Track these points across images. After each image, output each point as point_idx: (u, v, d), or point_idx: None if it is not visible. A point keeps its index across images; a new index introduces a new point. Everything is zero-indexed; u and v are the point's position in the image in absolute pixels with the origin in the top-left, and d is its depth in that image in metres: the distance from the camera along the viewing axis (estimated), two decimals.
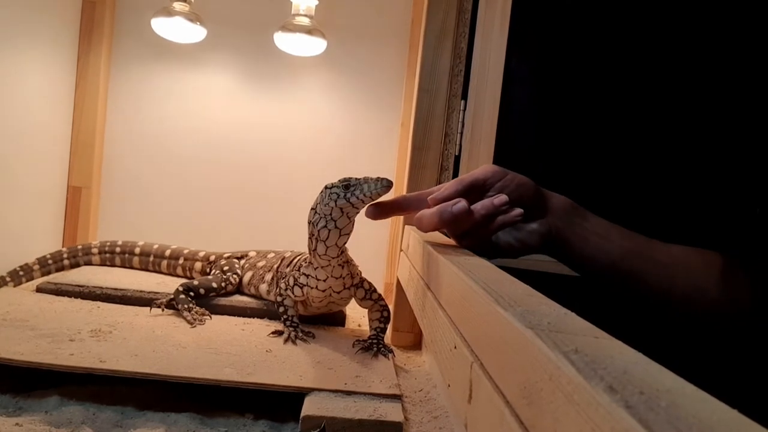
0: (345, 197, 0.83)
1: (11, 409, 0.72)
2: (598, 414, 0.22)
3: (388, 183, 0.80)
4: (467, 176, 0.74)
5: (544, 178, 1.16)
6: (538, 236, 0.73)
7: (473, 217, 0.68)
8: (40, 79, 1.25)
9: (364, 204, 0.82)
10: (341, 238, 0.88)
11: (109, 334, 0.89)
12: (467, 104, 1.12)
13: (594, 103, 1.16)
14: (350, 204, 0.83)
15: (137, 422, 0.72)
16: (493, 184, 0.73)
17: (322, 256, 0.90)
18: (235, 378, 0.77)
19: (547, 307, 0.40)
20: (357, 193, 0.82)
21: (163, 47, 1.41)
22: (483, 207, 0.69)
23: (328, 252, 0.89)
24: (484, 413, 0.38)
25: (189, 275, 1.24)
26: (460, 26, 1.11)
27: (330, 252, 0.89)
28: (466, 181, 0.73)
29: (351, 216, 0.86)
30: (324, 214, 0.87)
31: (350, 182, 0.84)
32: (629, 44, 1.15)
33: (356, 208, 0.84)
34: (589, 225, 0.75)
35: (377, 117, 1.45)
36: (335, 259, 0.91)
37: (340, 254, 0.91)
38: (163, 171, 1.45)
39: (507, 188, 0.72)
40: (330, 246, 0.89)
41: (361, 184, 0.82)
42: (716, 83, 1.14)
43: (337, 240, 0.88)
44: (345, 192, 0.84)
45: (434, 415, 0.81)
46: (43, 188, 1.32)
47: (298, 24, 1.31)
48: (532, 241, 0.73)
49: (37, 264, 1.20)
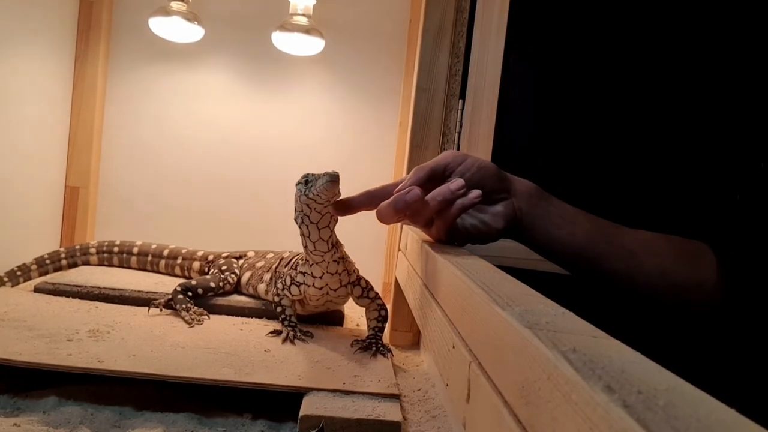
0: (305, 193, 0.85)
1: (9, 410, 0.72)
2: (596, 413, 0.22)
3: (331, 177, 0.81)
4: (427, 164, 0.74)
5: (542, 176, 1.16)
6: (502, 218, 0.73)
7: (430, 205, 0.68)
8: (37, 78, 1.25)
9: (322, 198, 0.83)
10: (321, 231, 0.88)
11: (107, 334, 0.89)
12: (465, 103, 1.12)
13: (592, 101, 1.16)
14: (311, 199, 0.84)
15: (135, 422, 0.72)
16: (453, 169, 0.73)
17: (314, 252, 0.91)
18: (233, 378, 0.76)
19: (545, 306, 0.40)
20: (312, 188, 0.84)
21: (161, 47, 1.41)
22: (439, 193, 0.69)
23: (317, 247, 0.90)
24: (482, 412, 0.38)
25: (187, 275, 1.24)
26: (457, 25, 1.11)
27: (319, 246, 0.90)
28: (426, 168, 0.73)
29: (318, 210, 0.86)
30: (298, 210, 0.89)
31: (308, 178, 0.85)
32: (627, 43, 1.15)
33: (318, 203, 0.85)
34: (554, 209, 0.75)
35: (375, 116, 1.45)
36: (327, 254, 0.91)
37: (332, 249, 0.91)
38: (160, 171, 1.45)
39: (468, 172, 0.72)
40: (315, 241, 0.89)
41: (317, 179, 0.83)
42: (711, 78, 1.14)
43: (319, 234, 0.88)
44: (305, 188, 0.85)
45: (432, 415, 0.81)
46: (41, 188, 1.32)
47: (296, 23, 1.31)
48: (497, 224, 0.73)
49: (35, 264, 1.20)
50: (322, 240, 0.89)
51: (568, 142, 1.17)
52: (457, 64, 1.12)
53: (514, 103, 1.15)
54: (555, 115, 1.17)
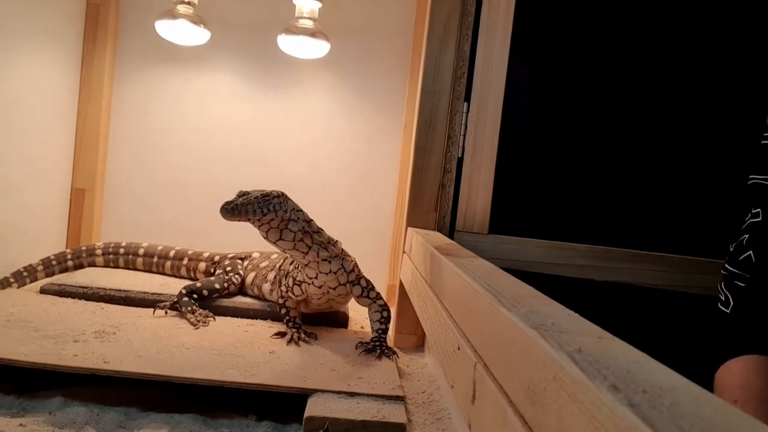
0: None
1: (15, 410, 0.73)
2: (602, 413, 0.23)
3: (222, 208, 0.85)
4: None
5: (546, 180, 1.16)
6: None
7: None
8: (44, 81, 1.26)
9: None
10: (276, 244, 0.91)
11: (113, 335, 0.89)
12: (470, 106, 1.12)
13: (597, 105, 1.16)
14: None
15: (141, 423, 0.72)
16: None
17: (296, 257, 0.95)
18: (238, 379, 0.77)
19: (551, 308, 0.40)
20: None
21: (167, 50, 1.42)
22: None
23: (291, 254, 0.94)
24: (487, 413, 0.38)
25: (193, 276, 1.25)
26: (463, 28, 1.11)
27: (292, 254, 0.93)
28: None
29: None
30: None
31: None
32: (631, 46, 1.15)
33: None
34: None
35: (380, 119, 1.46)
36: (308, 255, 0.92)
37: (308, 254, 0.92)
38: (166, 172, 1.45)
39: None
40: (283, 249, 0.93)
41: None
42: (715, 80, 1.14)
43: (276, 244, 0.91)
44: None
45: (437, 417, 0.81)
46: (47, 190, 1.32)
47: (302, 27, 1.32)
48: None
49: (41, 265, 1.21)
50: (290, 249, 0.92)
51: (573, 144, 1.17)
52: (462, 67, 1.12)
53: (519, 105, 1.15)
54: (560, 118, 1.17)
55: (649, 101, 1.16)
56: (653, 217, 1.15)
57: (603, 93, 1.17)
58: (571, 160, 1.17)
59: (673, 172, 1.15)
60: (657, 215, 1.15)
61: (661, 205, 1.15)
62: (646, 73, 1.15)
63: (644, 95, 1.16)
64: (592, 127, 1.17)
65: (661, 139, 1.15)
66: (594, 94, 1.17)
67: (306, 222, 0.92)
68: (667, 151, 1.15)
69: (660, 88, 1.15)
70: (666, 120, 1.15)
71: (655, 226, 1.15)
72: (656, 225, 1.15)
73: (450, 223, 1.14)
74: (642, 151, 1.16)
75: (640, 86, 1.15)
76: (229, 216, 0.84)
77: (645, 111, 1.16)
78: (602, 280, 1.11)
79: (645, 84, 1.15)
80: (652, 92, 1.15)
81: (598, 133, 1.17)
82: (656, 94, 1.15)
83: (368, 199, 1.46)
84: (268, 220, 0.87)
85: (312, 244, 0.92)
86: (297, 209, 0.91)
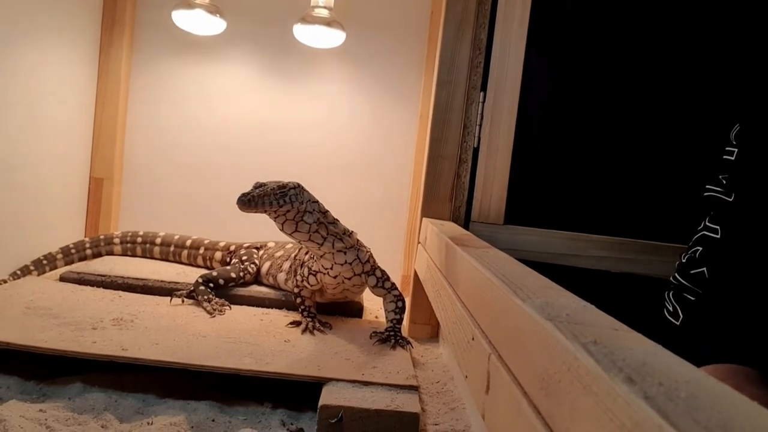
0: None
1: (35, 396, 0.74)
2: (617, 404, 0.22)
3: (238, 200, 0.84)
4: None
5: (563, 171, 1.15)
6: None
7: None
8: (62, 72, 1.27)
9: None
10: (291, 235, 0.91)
11: (131, 323, 0.90)
12: (486, 96, 1.11)
13: (616, 95, 1.15)
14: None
15: (158, 409, 0.73)
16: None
17: (311, 248, 0.94)
18: (254, 367, 0.77)
19: (566, 299, 0.39)
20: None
21: (184, 39, 1.42)
22: None
23: (306, 245, 0.93)
24: (501, 404, 0.38)
25: (209, 265, 1.26)
26: (479, 17, 1.10)
27: (307, 245, 0.93)
28: None
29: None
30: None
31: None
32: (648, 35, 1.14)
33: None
34: None
35: (396, 108, 1.45)
36: (323, 247, 0.92)
37: (323, 245, 0.92)
38: (183, 162, 1.46)
39: None
40: (299, 240, 0.92)
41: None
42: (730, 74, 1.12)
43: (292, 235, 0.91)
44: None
45: (451, 407, 0.81)
46: (66, 179, 1.34)
47: (318, 16, 1.31)
48: None
49: (61, 253, 1.22)
50: (305, 240, 0.91)
51: (590, 135, 1.15)
52: (478, 56, 1.11)
53: (536, 95, 1.14)
54: (578, 108, 1.16)
55: (668, 92, 1.14)
56: (670, 208, 1.14)
57: (622, 82, 1.15)
58: (589, 150, 1.16)
59: (692, 163, 1.13)
60: (674, 206, 1.13)
61: (679, 196, 1.13)
62: (667, 62, 1.14)
63: (663, 85, 1.14)
64: (610, 117, 1.15)
65: (680, 129, 1.14)
66: (613, 84, 1.15)
67: (321, 213, 0.92)
68: (685, 142, 1.14)
69: (678, 76, 1.14)
70: (685, 111, 1.14)
71: (672, 218, 1.13)
72: (674, 216, 1.13)
73: (465, 213, 1.13)
74: (658, 142, 1.14)
75: (659, 75, 1.14)
76: (245, 208, 0.84)
77: (664, 102, 1.14)
78: (618, 271, 1.10)
79: (664, 74, 1.14)
80: (670, 82, 1.14)
81: (616, 123, 1.15)
82: (674, 83, 1.14)
83: (383, 189, 1.46)
84: (284, 212, 0.88)
85: (327, 235, 0.92)
86: (313, 200, 0.91)
